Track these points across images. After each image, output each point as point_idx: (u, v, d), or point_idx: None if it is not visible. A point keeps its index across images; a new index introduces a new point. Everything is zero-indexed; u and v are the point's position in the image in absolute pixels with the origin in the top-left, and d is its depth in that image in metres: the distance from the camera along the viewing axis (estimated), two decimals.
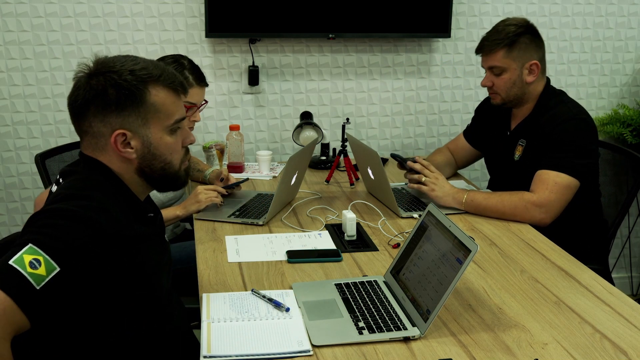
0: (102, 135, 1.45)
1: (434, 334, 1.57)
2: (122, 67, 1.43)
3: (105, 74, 1.42)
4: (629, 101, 3.47)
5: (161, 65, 1.50)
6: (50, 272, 1.27)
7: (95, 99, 1.42)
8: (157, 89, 1.45)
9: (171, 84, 1.48)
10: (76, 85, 1.46)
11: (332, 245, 2.11)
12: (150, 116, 1.45)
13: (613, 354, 1.50)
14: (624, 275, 3.70)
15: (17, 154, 3.04)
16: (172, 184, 1.56)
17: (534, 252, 2.07)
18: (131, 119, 1.43)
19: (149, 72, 1.45)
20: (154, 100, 1.45)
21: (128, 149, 1.45)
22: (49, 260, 1.27)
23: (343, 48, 3.20)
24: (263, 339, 1.53)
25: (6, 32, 2.91)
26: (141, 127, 1.45)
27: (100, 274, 1.35)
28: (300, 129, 2.94)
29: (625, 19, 3.37)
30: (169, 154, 1.50)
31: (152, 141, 1.46)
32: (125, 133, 1.44)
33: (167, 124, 1.47)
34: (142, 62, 1.47)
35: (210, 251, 2.05)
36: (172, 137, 1.49)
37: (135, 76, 1.43)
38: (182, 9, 3.02)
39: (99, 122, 1.44)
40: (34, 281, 1.26)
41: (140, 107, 1.43)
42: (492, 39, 2.40)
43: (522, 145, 2.48)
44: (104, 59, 1.46)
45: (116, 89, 1.42)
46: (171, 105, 1.48)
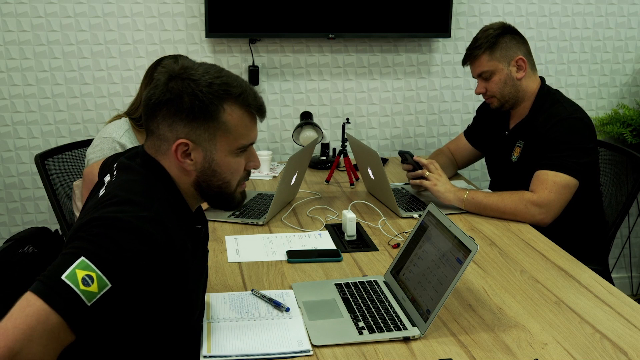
0: (166, 139, 1.41)
1: (434, 334, 1.57)
2: (202, 77, 1.39)
3: (185, 80, 1.38)
4: (629, 101, 3.47)
5: (245, 84, 1.44)
6: (102, 288, 1.23)
7: (169, 102, 1.38)
8: (233, 108, 1.41)
9: (249, 106, 1.43)
10: (154, 84, 1.42)
11: (332, 245, 2.11)
12: (219, 134, 1.40)
13: (613, 354, 1.50)
14: (624, 275, 3.70)
15: (17, 154, 3.04)
16: (225, 204, 1.51)
17: (534, 252, 2.07)
18: (199, 131, 1.39)
19: (229, 88, 1.40)
20: (227, 120, 1.40)
21: (187, 160, 1.41)
22: (102, 276, 1.23)
23: (343, 48, 3.20)
24: (263, 339, 1.53)
25: (6, 32, 2.91)
26: (206, 142, 1.40)
27: (148, 289, 1.31)
28: (300, 129, 2.94)
29: (625, 19, 3.38)
30: (229, 173, 1.45)
31: (215, 158, 1.42)
32: (188, 143, 1.39)
33: (234, 146, 1.43)
34: (226, 77, 1.42)
35: (211, 251, 2.04)
36: (236, 158, 1.45)
37: (213, 90, 1.39)
38: (182, 9, 3.02)
39: (166, 126, 1.40)
40: (85, 298, 1.22)
41: (210, 122, 1.39)
42: (472, 47, 2.46)
43: (520, 147, 2.48)
44: (190, 64, 1.42)
45: (191, 98, 1.37)
46: (243, 128, 1.44)
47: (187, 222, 1.46)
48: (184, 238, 1.41)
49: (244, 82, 1.45)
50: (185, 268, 1.40)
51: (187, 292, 1.44)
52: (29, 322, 1.18)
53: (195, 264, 1.49)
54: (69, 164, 2.70)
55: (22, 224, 3.11)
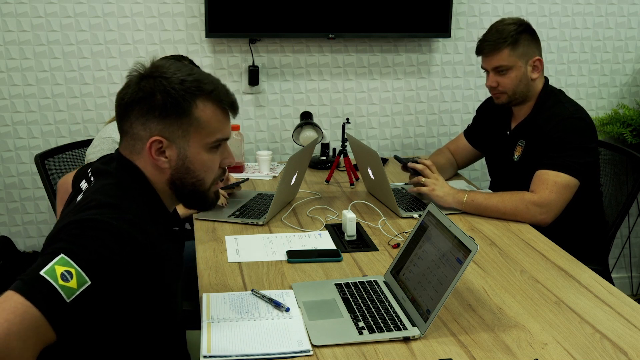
0: (140, 138, 1.42)
1: (434, 334, 1.57)
2: (174, 74, 1.40)
3: (157, 78, 1.39)
4: (629, 101, 3.47)
5: (216, 80, 1.46)
6: (81, 285, 1.23)
7: (141, 101, 1.39)
8: (205, 104, 1.42)
9: (221, 102, 1.44)
10: (127, 84, 1.43)
11: (332, 245, 2.11)
12: (192, 130, 1.41)
13: (613, 354, 1.50)
14: (624, 275, 3.70)
15: (17, 154, 3.04)
16: (199, 203, 1.52)
17: (534, 252, 2.07)
18: (172, 128, 1.40)
19: (201, 85, 1.41)
20: (199, 115, 1.41)
21: (162, 158, 1.42)
22: (81, 273, 1.23)
23: (343, 48, 3.20)
24: (263, 339, 1.53)
25: (6, 32, 2.91)
26: (180, 139, 1.41)
27: (128, 290, 1.31)
28: (300, 129, 2.93)
29: (625, 19, 3.38)
30: (203, 171, 1.46)
31: (189, 155, 1.43)
32: (162, 141, 1.40)
33: (207, 141, 1.44)
34: (197, 74, 1.43)
35: (210, 251, 2.05)
36: (209, 155, 1.45)
37: (185, 87, 1.40)
38: (182, 9, 3.02)
39: (139, 125, 1.41)
40: (64, 294, 1.22)
41: (183, 119, 1.40)
42: (493, 39, 2.40)
43: (522, 146, 2.48)
44: (160, 63, 1.43)
45: (163, 95, 1.38)
46: (216, 123, 1.44)
47: (164, 224, 1.47)
48: (162, 240, 1.42)
49: (215, 79, 1.47)
50: (163, 269, 1.41)
51: (165, 293, 1.44)
52: (6, 316, 1.18)
53: (173, 266, 1.49)
54: (69, 164, 2.71)
55: (22, 224, 3.11)
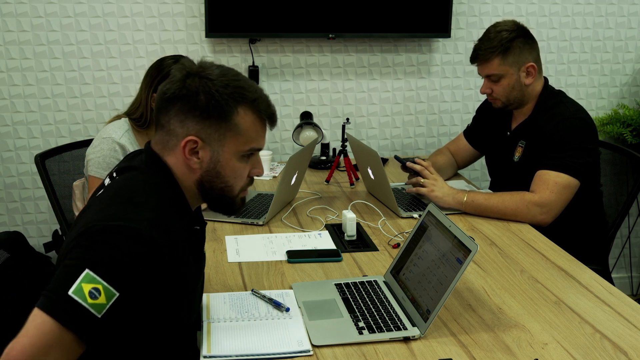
0: (175, 135, 1.41)
1: (434, 334, 1.57)
2: (219, 77, 1.40)
3: (202, 78, 1.39)
4: (629, 101, 3.47)
5: (259, 90, 1.45)
6: (110, 298, 1.24)
7: (184, 98, 1.39)
8: (247, 111, 1.41)
9: (261, 112, 1.44)
10: (171, 79, 1.42)
11: (332, 245, 2.11)
12: (229, 135, 1.41)
13: (613, 354, 1.50)
14: (624, 275, 3.70)
15: (17, 154, 3.04)
16: (225, 207, 1.52)
17: (534, 252, 2.07)
18: (210, 130, 1.39)
19: (244, 92, 1.41)
20: (239, 122, 1.41)
21: (194, 158, 1.41)
22: (108, 287, 1.24)
23: (343, 48, 3.20)
24: (263, 339, 1.53)
25: (6, 32, 2.91)
26: (215, 142, 1.41)
27: (153, 292, 1.32)
28: (300, 129, 2.94)
29: (625, 19, 3.38)
30: (232, 177, 1.45)
31: (221, 159, 1.42)
32: (197, 141, 1.39)
33: (242, 149, 1.43)
34: (243, 81, 1.43)
35: (210, 251, 2.05)
36: (241, 163, 1.45)
37: (229, 92, 1.39)
38: (182, 9, 3.02)
39: (178, 122, 1.40)
40: (95, 311, 1.23)
41: (222, 123, 1.40)
42: (485, 47, 2.40)
43: (522, 147, 2.48)
44: (207, 63, 1.43)
45: (207, 96, 1.38)
46: (253, 133, 1.43)
47: (187, 222, 1.47)
48: (184, 238, 1.42)
49: (259, 88, 1.46)
50: (185, 269, 1.41)
51: (186, 293, 1.44)
52: (46, 340, 1.20)
53: (194, 266, 1.49)
54: (69, 164, 2.70)
55: (22, 224, 3.11)
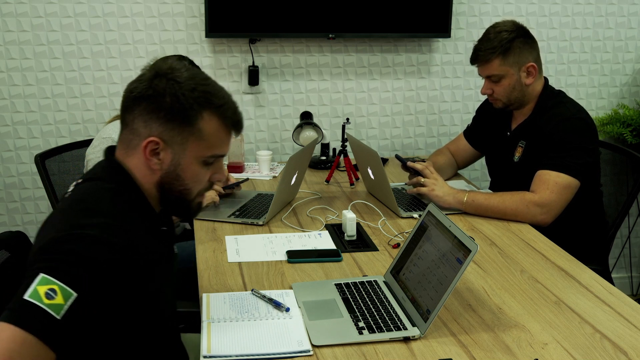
0: (138, 134, 1.40)
1: (434, 334, 1.57)
2: (187, 80, 1.39)
3: (170, 80, 1.38)
4: (629, 101, 3.47)
5: (227, 96, 1.45)
6: (67, 298, 1.22)
7: (150, 98, 1.38)
8: (212, 117, 1.40)
9: (227, 119, 1.43)
10: (139, 78, 1.42)
11: (332, 245, 2.11)
12: (191, 139, 1.40)
13: (613, 354, 1.50)
14: (624, 275, 3.70)
15: (17, 154, 3.04)
16: (182, 212, 1.52)
17: (534, 252, 2.07)
18: (172, 133, 1.39)
19: (211, 98, 1.40)
20: (203, 127, 1.40)
21: (154, 159, 1.41)
22: (64, 287, 1.22)
23: (343, 48, 3.20)
24: (263, 339, 1.53)
25: (6, 32, 2.91)
26: (177, 145, 1.40)
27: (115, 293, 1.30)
28: (300, 129, 2.93)
29: (625, 19, 3.38)
30: (192, 181, 1.45)
31: (182, 163, 1.42)
32: (159, 142, 1.38)
33: (203, 154, 1.43)
34: (211, 86, 1.42)
35: (210, 251, 2.05)
36: (202, 168, 1.45)
37: (195, 95, 1.38)
38: (182, 9, 3.02)
39: (141, 122, 1.39)
40: (53, 312, 1.21)
41: (186, 127, 1.39)
42: (485, 48, 2.40)
43: (522, 147, 2.48)
44: (178, 65, 1.42)
45: (173, 98, 1.37)
46: (217, 140, 1.43)
47: (152, 224, 1.46)
48: (149, 240, 1.42)
49: (227, 94, 1.45)
50: (151, 270, 1.40)
51: (154, 292, 1.43)
52: (10, 348, 1.18)
53: (162, 266, 1.49)
54: (69, 164, 2.71)
55: (22, 224, 3.11)
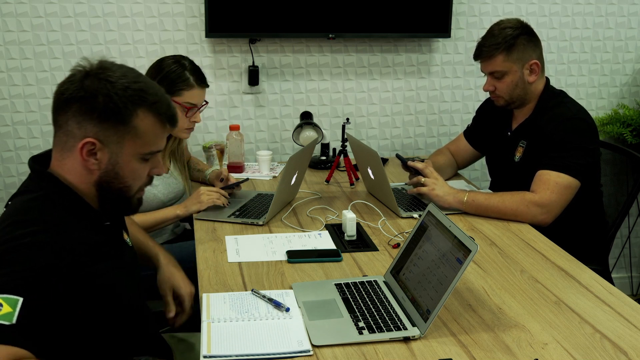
0: (73, 136, 1.40)
1: (434, 334, 1.57)
2: (119, 79, 1.39)
3: (101, 80, 1.38)
4: (629, 101, 3.47)
5: (160, 92, 1.45)
6: (14, 305, 1.24)
7: (82, 99, 1.38)
8: (146, 114, 1.41)
9: (162, 115, 1.43)
10: (70, 79, 1.41)
11: (332, 245, 2.11)
12: (128, 137, 1.40)
13: (613, 354, 1.50)
14: (624, 275, 3.70)
15: (17, 154, 3.04)
16: (122, 208, 1.52)
17: (534, 252, 2.07)
18: (108, 132, 1.39)
19: (144, 95, 1.40)
20: (138, 125, 1.40)
21: (92, 159, 1.41)
22: (7, 297, 1.24)
23: (343, 48, 3.20)
24: (263, 339, 1.53)
25: (6, 32, 2.91)
26: (114, 144, 1.40)
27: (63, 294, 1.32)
28: (300, 129, 2.93)
29: (625, 19, 3.38)
30: (131, 178, 1.45)
31: (120, 161, 1.42)
32: (95, 143, 1.39)
33: (141, 151, 1.43)
34: (143, 83, 1.42)
35: (210, 251, 2.05)
36: (140, 164, 1.45)
37: (128, 94, 1.39)
38: (182, 9, 3.02)
39: (75, 123, 1.39)
40: (5, 321, 1.23)
41: (121, 126, 1.39)
42: (489, 44, 2.40)
43: (523, 147, 2.48)
44: (107, 64, 1.42)
45: (105, 98, 1.37)
46: (153, 136, 1.43)
47: (92, 222, 1.47)
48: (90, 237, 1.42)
49: (160, 90, 1.45)
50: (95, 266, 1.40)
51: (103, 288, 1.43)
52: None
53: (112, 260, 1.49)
54: None
55: None
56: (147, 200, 2.37)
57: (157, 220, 2.32)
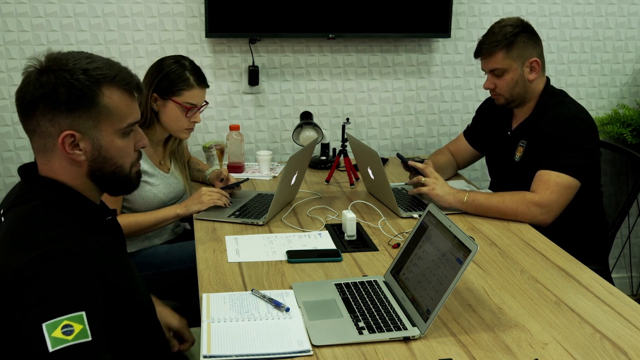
0: (50, 135, 1.38)
1: (434, 334, 1.57)
2: (75, 65, 1.37)
3: (57, 72, 1.36)
4: (629, 101, 3.47)
5: (117, 65, 1.44)
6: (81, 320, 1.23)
7: (44, 97, 1.35)
8: (112, 90, 1.39)
9: (126, 86, 1.42)
10: (25, 81, 1.38)
11: (332, 245, 2.11)
12: (102, 118, 1.39)
13: (613, 354, 1.50)
14: (624, 275, 3.70)
15: (17, 154, 3.04)
16: (123, 188, 1.50)
17: (534, 252, 2.07)
18: (82, 120, 1.37)
19: (104, 72, 1.39)
20: (107, 102, 1.39)
21: (76, 151, 1.39)
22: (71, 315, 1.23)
23: (343, 48, 3.20)
24: (263, 339, 1.53)
25: (6, 32, 2.91)
26: (91, 129, 1.39)
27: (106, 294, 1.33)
28: (300, 129, 2.93)
29: (625, 19, 3.38)
30: (120, 157, 1.44)
31: (103, 144, 1.41)
32: (74, 134, 1.37)
33: (119, 127, 1.42)
34: (97, 61, 1.40)
35: (210, 251, 2.05)
36: (123, 141, 1.43)
37: (89, 76, 1.37)
38: (182, 9, 3.02)
39: (47, 122, 1.37)
40: (83, 339, 1.22)
41: (92, 109, 1.37)
42: (489, 41, 2.41)
43: (523, 146, 2.48)
44: (56, 55, 1.40)
45: (67, 88, 1.35)
46: (125, 108, 1.42)
47: (95, 218, 1.46)
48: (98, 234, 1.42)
49: (115, 63, 1.44)
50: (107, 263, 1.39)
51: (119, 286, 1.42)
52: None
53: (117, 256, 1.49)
54: None
55: None
56: (147, 200, 2.38)
57: (157, 219, 2.32)
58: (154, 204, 2.38)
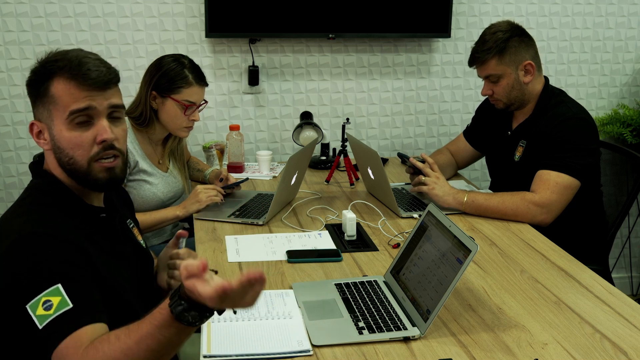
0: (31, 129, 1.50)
1: (434, 334, 1.57)
2: (43, 57, 1.46)
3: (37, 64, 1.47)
4: (629, 101, 3.47)
5: (72, 55, 1.44)
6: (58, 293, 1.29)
7: (27, 88, 1.49)
8: (59, 79, 1.43)
9: (70, 72, 1.41)
10: None
11: (332, 245, 2.11)
12: (52, 108, 1.43)
13: (613, 354, 1.50)
14: (624, 275, 3.70)
15: (17, 154, 3.04)
16: (86, 183, 1.46)
17: (534, 252, 2.07)
18: (40, 110, 1.46)
19: (55, 63, 1.43)
20: (53, 92, 1.42)
21: (41, 140, 1.47)
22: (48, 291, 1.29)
23: (343, 48, 3.20)
24: (263, 339, 1.53)
25: (6, 32, 2.91)
26: (47, 119, 1.45)
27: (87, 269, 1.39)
28: (300, 129, 2.93)
29: (625, 19, 3.38)
30: (70, 149, 1.42)
31: (55, 133, 1.44)
32: (35, 123, 1.47)
33: (63, 117, 1.41)
34: (63, 53, 1.46)
35: (210, 251, 2.05)
36: (71, 132, 1.42)
37: (44, 67, 1.45)
38: (182, 9, 3.02)
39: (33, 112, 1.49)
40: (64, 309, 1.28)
41: (44, 99, 1.44)
42: (481, 49, 2.43)
43: (523, 146, 2.48)
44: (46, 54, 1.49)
45: (30, 82, 1.47)
46: (66, 97, 1.41)
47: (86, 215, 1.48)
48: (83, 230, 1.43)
49: (73, 53, 1.45)
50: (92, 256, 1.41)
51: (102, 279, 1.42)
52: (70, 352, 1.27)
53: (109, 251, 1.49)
54: None
55: None
56: (147, 199, 2.38)
57: (156, 220, 2.32)
58: (153, 203, 2.38)
